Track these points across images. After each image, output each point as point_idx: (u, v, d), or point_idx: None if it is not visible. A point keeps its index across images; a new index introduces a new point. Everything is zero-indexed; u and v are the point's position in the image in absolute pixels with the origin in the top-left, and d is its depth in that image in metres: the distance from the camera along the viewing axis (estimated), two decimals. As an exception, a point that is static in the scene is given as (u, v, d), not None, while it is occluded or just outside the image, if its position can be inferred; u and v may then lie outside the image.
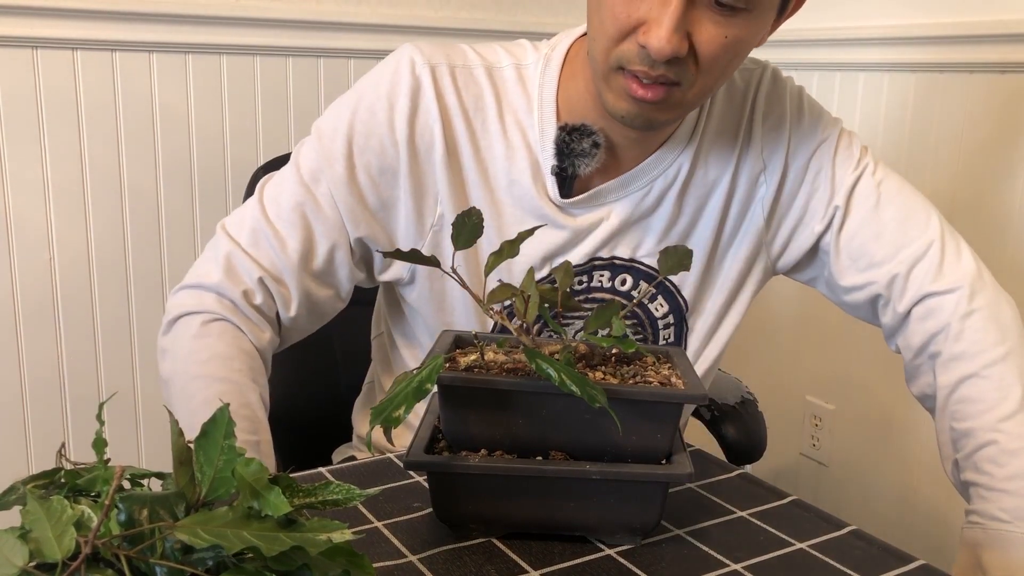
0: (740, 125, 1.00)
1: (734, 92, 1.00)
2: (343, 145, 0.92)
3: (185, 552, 0.46)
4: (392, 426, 0.62)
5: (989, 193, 1.55)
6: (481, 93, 0.94)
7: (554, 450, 0.68)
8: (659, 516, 0.69)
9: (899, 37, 1.65)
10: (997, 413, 0.87)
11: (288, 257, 0.92)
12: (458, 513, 0.69)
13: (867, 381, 1.78)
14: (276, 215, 0.92)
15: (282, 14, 1.57)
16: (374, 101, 0.92)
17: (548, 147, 0.93)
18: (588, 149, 0.91)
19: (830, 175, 0.99)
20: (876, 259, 0.97)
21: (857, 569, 0.67)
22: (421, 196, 0.93)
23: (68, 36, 1.43)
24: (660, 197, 0.97)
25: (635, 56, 0.82)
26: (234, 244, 0.92)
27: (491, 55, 0.96)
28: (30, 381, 1.51)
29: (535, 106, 0.94)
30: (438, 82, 0.92)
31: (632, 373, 0.71)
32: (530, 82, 0.95)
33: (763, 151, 1.00)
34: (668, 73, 0.82)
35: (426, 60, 0.92)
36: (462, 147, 0.93)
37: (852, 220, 0.98)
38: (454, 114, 0.92)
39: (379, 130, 0.92)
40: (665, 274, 0.72)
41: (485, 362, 0.70)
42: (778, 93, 1.01)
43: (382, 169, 0.92)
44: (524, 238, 0.71)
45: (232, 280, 0.91)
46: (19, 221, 1.46)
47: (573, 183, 0.94)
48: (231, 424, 0.49)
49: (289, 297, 0.93)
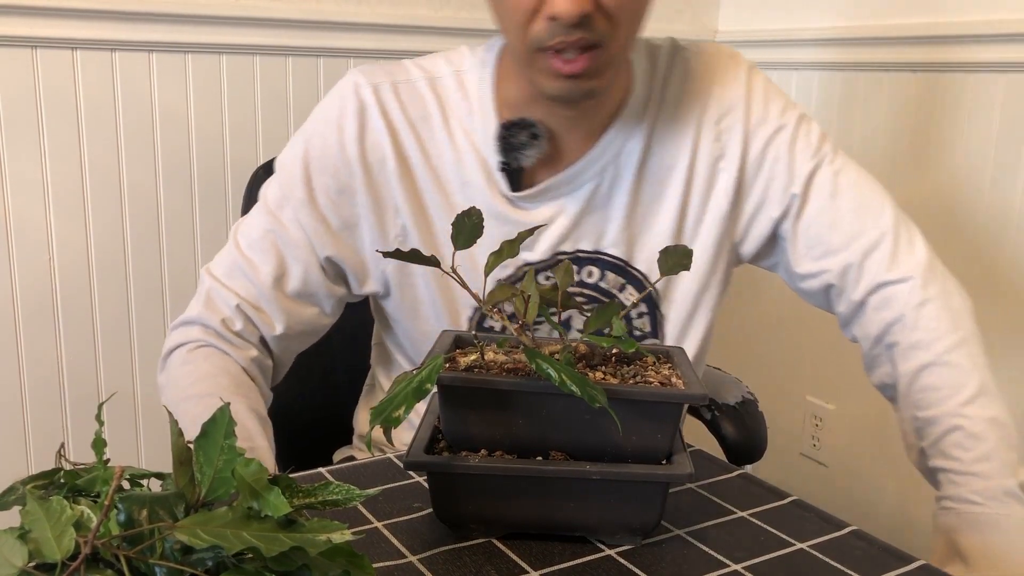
0: (694, 109, 1.01)
1: (690, 75, 1.02)
2: (301, 172, 0.97)
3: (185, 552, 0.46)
4: (392, 426, 0.62)
5: (989, 193, 1.55)
6: (425, 104, 0.98)
7: (554, 450, 0.68)
8: (659, 516, 0.69)
9: (899, 37, 1.65)
10: (958, 399, 0.90)
11: (262, 282, 0.96)
12: (458, 513, 0.69)
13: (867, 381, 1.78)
14: (248, 246, 0.98)
15: (282, 14, 1.57)
16: (324, 127, 0.97)
17: (492, 144, 0.96)
18: (527, 141, 0.94)
19: (788, 162, 1.00)
20: (831, 248, 0.99)
21: (857, 569, 0.67)
22: (381, 210, 0.97)
23: (68, 36, 1.43)
24: (612, 186, 0.99)
25: (548, 32, 0.84)
26: (213, 280, 0.98)
27: (431, 66, 1.00)
28: (30, 381, 1.51)
29: (476, 108, 0.97)
30: (381, 100, 0.96)
31: (632, 373, 0.71)
32: (469, 86, 0.98)
33: (720, 136, 1.00)
34: (586, 35, 0.83)
35: (368, 81, 0.97)
36: (413, 158, 0.97)
37: (809, 208, 1.00)
38: (401, 127, 0.97)
39: (331, 152, 0.96)
40: (665, 274, 0.73)
41: (485, 362, 0.70)
42: (736, 78, 1.02)
43: (339, 189, 0.96)
44: (524, 238, 0.72)
45: (211, 311, 0.96)
46: (19, 221, 1.46)
47: (520, 177, 0.96)
48: (231, 424, 0.49)
49: (270, 320, 0.97)
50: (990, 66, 1.52)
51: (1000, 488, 0.85)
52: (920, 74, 1.64)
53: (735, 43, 2.01)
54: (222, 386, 0.91)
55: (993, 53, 1.51)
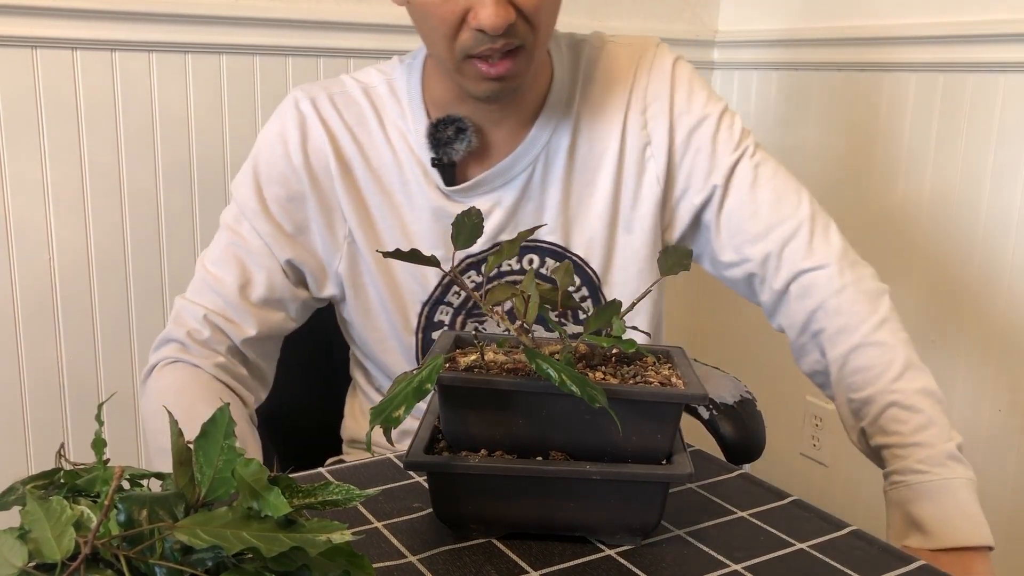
0: (621, 97, 1.04)
1: (616, 64, 1.05)
2: (252, 185, 1.02)
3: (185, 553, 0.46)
4: (392, 426, 0.62)
5: (989, 193, 1.56)
6: (361, 111, 1.03)
7: (554, 450, 0.68)
8: (659, 516, 0.69)
9: (899, 37, 1.65)
10: (889, 375, 0.94)
11: (227, 292, 1.00)
12: (458, 513, 0.69)
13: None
14: (212, 262, 1.02)
15: (282, 14, 1.57)
16: (271, 142, 1.03)
17: (424, 143, 1.01)
18: (454, 135, 0.99)
19: (710, 152, 1.04)
20: (750, 236, 1.03)
21: (857, 569, 0.67)
22: (328, 213, 1.02)
23: (68, 36, 1.43)
24: (545, 175, 1.03)
25: (474, 41, 0.89)
26: (182, 299, 1.03)
27: (365, 78, 1.06)
28: (30, 381, 1.51)
29: (407, 110, 1.03)
30: (320, 110, 1.02)
31: (632, 373, 0.71)
32: (400, 91, 1.04)
33: (647, 124, 1.04)
34: (509, 40, 0.89)
35: (306, 95, 1.03)
36: (354, 162, 1.02)
37: (730, 199, 1.04)
38: (340, 134, 1.02)
39: (278, 163, 1.01)
40: (665, 274, 0.73)
41: (485, 362, 0.70)
42: (662, 68, 1.05)
43: (289, 197, 1.01)
44: (525, 236, 0.72)
45: (178, 325, 1.00)
46: (19, 221, 1.46)
47: (453, 171, 1.01)
48: (231, 424, 0.49)
49: (240, 326, 1.00)
50: (990, 66, 1.52)
51: (943, 453, 0.89)
52: (920, 74, 1.64)
53: (735, 43, 2.01)
54: (190, 390, 0.95)
55: (993, 53, 1.51)
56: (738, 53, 2.02)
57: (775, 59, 1.92)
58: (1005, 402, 1.56)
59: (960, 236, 1.60)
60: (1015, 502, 1.55)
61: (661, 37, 1.10)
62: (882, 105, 1.71)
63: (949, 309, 1.62)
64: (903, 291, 1.67)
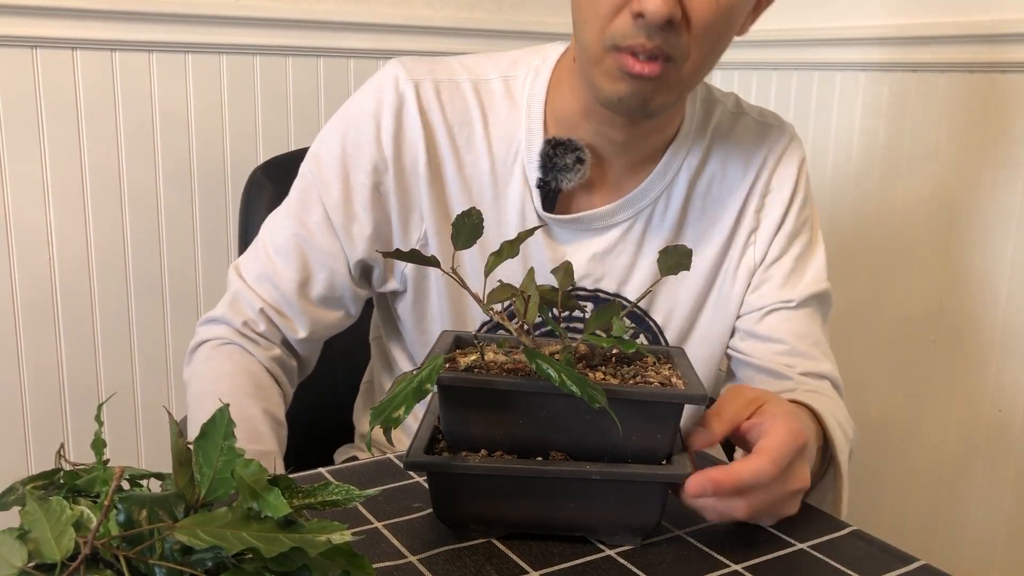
0: (748, 173, 1.00)
1: (748, 139, 1.00)
2: (338, 170, 0.94)
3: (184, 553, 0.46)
4: (392, 426, 0.62)
5: (989, 193, 1.55)
6: (467, 108, 0.94)
7: (554, 450, 0.68)
8: (659, 516, 0.69)
9: (899, 37, 1.65)
10: None
11: (286, 289, 0.95)
12: (458, 513, 0.69)
13: (867, 381, 1.78)
14: (275, 249, 0.96)
15: (282, 14, 1.57)
16: (361, 122, 0.93)
17: (534, 159, 0.93)
18: (571, 164, 0.91)
19: (789, 270, 1.01)
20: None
21: (857, 569, 0.67)
22: (407, 212, 0.95)
23: (68, 36, 1.43)
24: (647, 230, 0.97)
25: (630, 30, 0.80)
26: (241, 281, 0.97)
27: (478, 68, 0.97)
28: (30, 381, 1.51)
29: (523, 118, 0.94)
30: (421, 98, 0.93)
31: (632, 373, 0.71)
32: (518, 94, 0.95)
33: (763, 209, 1.00)
34: (664, 44, 0.80)
35: (409, 76, 0.93)
36: (445, 163, 0.94)
37: (775, 317, 1.03)
38: (438, 130, 0.93)
39: (368, 150, 0.93)
40: (665, 274, 0.72)
41: (485, 362, 0.70)
42: (794, 159, 1.02)
43: (375, 186, 0.94)
44: (524, 238, 0.71)
45: (235, 312, 0.95)
46: (19, 221, 1.46)
47: (556, 198, 0.94)
48: (230, 425, 0.49)
49: (293, 325, 0.96)
50: (990, 66, 1.52)
51: None
52: (920, 74, 1.64)
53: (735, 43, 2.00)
54: (240, 386, 0.91)
55: (993, 53, 1.51)
56: (738, 53, 2.02)
57: (775, 59, 1.92)
58: (1005, 402, 1.56)
59: (960, 236, 1.60)
60: (1015, 502, 1.55)
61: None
62: (882, 105, 1.71)
63: (949, 309, 1.62)
64: (903, 291, 1.67)
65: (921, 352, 1.66)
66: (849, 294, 1.76)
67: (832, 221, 1.80)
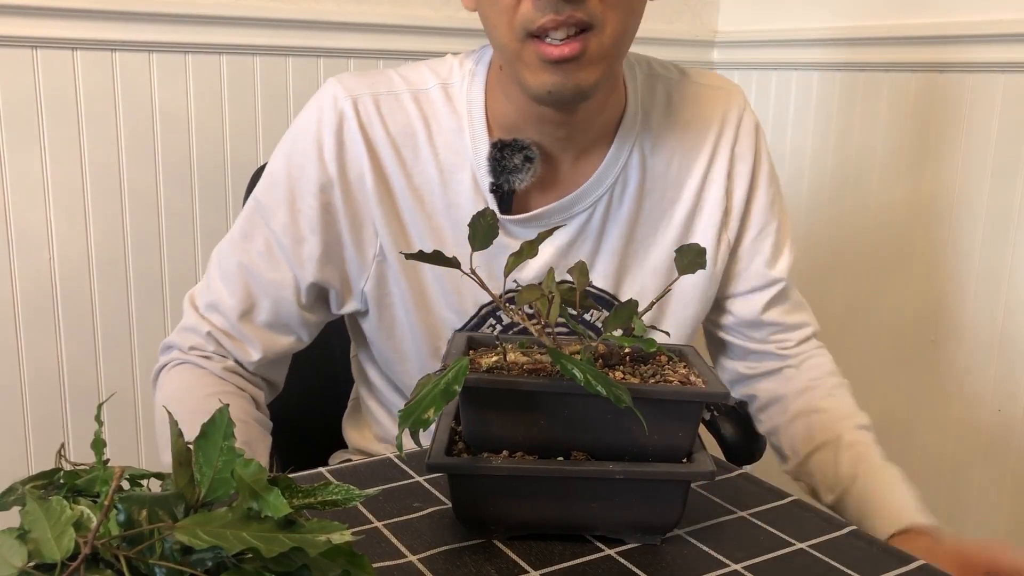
0: (705, 146, 0.99)
1: (701, 110, 0.99)
2: (284, 193, 0.93)
3: (184, 553, 0.46)
4: (422, 428, 0.61)
5: (989, 193, 1.55)
6: (408, 119, 0.93)
7: (575, 450, 0.68)
8: (680, 515, 0.69)
9: (899, 37, 1.65)
10: None
11: (231, 315, 0.95)
12: (481, 515, 0.69)
13: (867, 381, 1.78)
14: (220, 276, 0.96)
15: (282, 14, 1.57)
16: (304, 143, 0.93)
17: (483, 164, 0.92)
18: (521, 164, 0.90)
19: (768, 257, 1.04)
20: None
21: (857, 569, 0.67)
22: (359, 229, 0.93)
23: (68, 36, 1.43)
24: (606, 217, 0.96)
25: (536, 11, 0.79)
26: (192, 309, 0.98)
27: (416, 78, 0.95)
28: (30, 381, 1.51)
29: (465, 125, 0.93)
30: (360, 114, 0.92)
31: (651, 372, 0.70)
32: (458, 101, 0.94)
33: (730, 181, 1.00)
34: (575, 13, 0.78)
35: (347, 93, 0.92)
36: (392, 177, 0.93)
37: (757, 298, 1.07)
38: (380, 145, 0.92)
39: (311, 170, 0.92)
40: (683, 272, 0.72)
41: (507, 363, 0.69)
42: (750, 128, 1.01)
43: (323, 208, 0.92)
44: (544, 238, 0.71)
45: (184, 338, 0.97)
46: (19, 221, 1.46)
47: (511, 199, 0.93)
48: (230, 425, 0.49)
49: (245, 348, 0.96)
50: (990, 66, 1.52)
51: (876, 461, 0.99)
52: (920, 74, 1.64)
53: (735, 43, 2.01)
54: (203, 391, 0.92)
55: (993, 53, 1.51)
56: (738, 53, 2.02)
57: (775, 59, 1.92)
58: (1005, 402, 1.56)
59: (960, 236, 1.60)
60: (1015, 502, 1.55)
61: (661, 37, 1.09)
62: (882, 105, 1.71)
63: (949, 309, 1.62)
64: (903, 291, 1.67)
65: (921, 352, 1.66)
66: (850, 294, 1.76)
67: (832, 220, 1.80)
